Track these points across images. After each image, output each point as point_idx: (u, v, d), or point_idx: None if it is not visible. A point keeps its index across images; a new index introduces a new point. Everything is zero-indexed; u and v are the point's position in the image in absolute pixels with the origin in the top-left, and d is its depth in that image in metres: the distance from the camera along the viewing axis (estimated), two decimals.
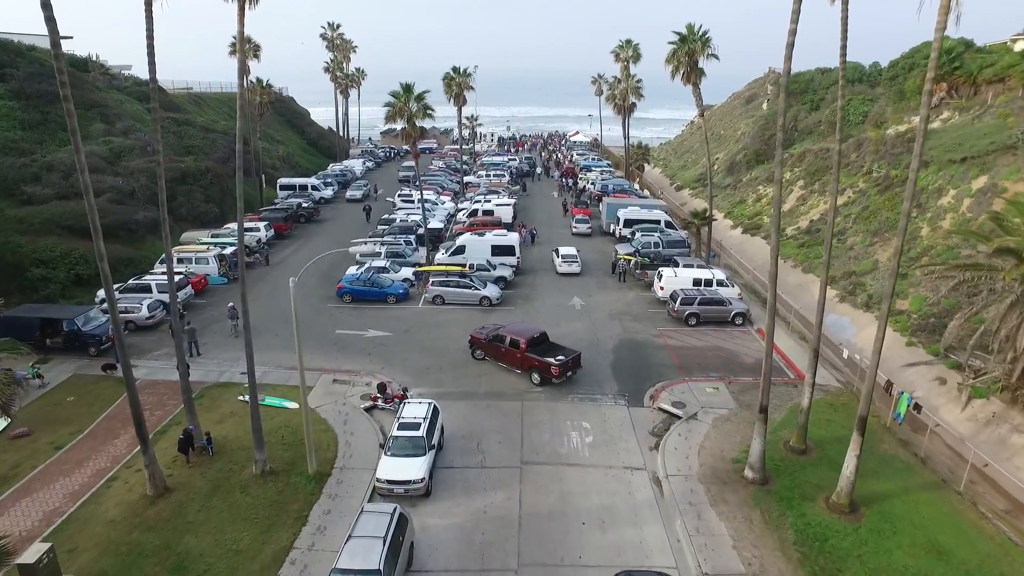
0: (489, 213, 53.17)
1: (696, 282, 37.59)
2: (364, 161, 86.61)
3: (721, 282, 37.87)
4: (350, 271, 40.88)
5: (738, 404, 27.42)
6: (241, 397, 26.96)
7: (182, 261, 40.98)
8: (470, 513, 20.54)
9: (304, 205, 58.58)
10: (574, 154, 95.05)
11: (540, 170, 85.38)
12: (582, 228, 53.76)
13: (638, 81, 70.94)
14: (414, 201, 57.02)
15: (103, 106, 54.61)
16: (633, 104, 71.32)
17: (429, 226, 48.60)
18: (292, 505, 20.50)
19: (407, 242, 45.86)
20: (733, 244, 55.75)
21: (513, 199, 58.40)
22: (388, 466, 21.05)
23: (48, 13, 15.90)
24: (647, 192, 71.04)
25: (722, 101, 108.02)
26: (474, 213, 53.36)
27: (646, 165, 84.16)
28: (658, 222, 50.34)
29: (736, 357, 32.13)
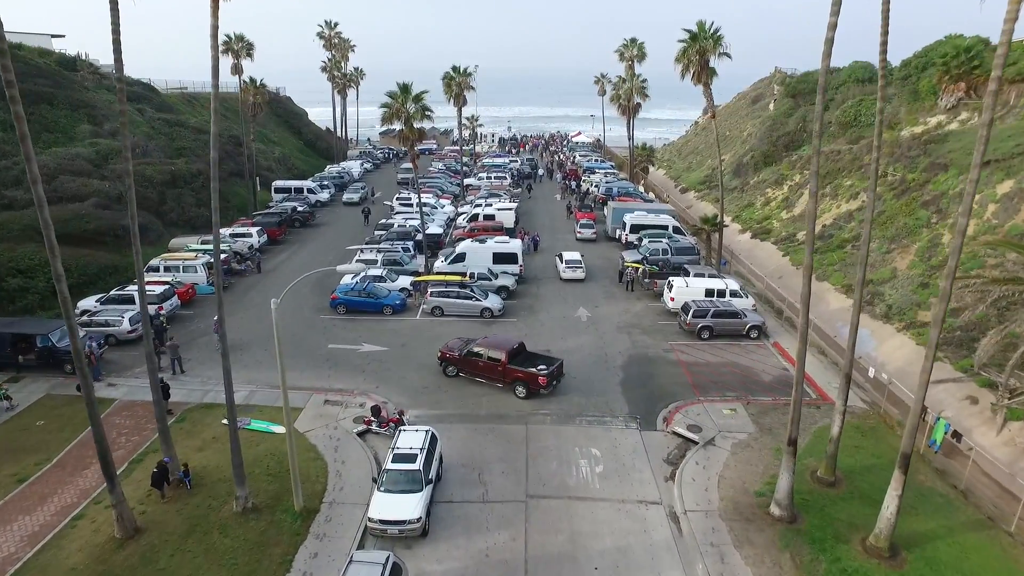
0: (490, 218, 51.30)
1: (708, 292, 35.71)
2: (362, 162, 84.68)
3: (735, 292, 36.00)
4: (345, 280, 38.97)
5: (758, 428, 25.54)
6: (225, 421, 25.07)
7: (169, 269, 39.14)
8: (471, 556, 18.68)
9: (299, 209, 56.71)
10: (576, 155, 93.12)
11: (542, 172, 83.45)
12: (587, 233, 51.87)
13: (643, 81, 69.05)
14: (413, 205, 55.17)
15: (90, 106, 52.72)
16: (638, 104, 69.45)
17: (428, 231, 46.73)
18: (275, 548, 18.62)
19: (405, 249, 43.99)
20: (742, 249, 53.86)
21: (515, 203, 56.50)
22: (381, 504, 19.18)
23: None
24: (652, 195, 69.12)
25: (727, 101, 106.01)
26: (475, 218, 51.49)
27: (650, 167, 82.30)
28: (666, 227, 48.45)
29: (753, 374, 30.26)
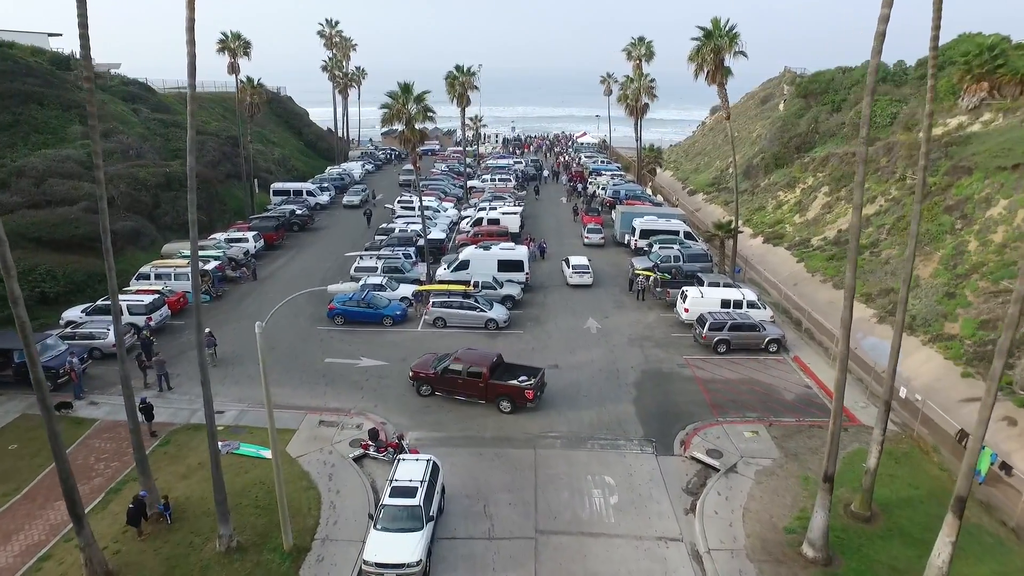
0: (495, 222, 49.64)
1: (724, 303, 33.98)
2: (363, 164, 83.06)
3: (752, 303, 34.27)
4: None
5: (783, 453, 23.81)
6: None
7: (160, 277, 37.54)
8: None
9: (298, 212, 55.08)
10: (582, 156, 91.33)
11: (547, 173, 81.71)
12: (594, 238, 50.11)
13: (651, 81, 67.31)
14: (415, 208, 53.52)
15: (82, 107, 50.99)
16: (646, 105, 67.69)
17: (430, 236, 45.05)
18: None
19: (406, 255, 42.32)
20: (754, 255, 52.09)
21: (520, 206, 54.80)
22: (378, 544, 17.51)
23: None
24: (660, 197, 67.36)
25: (735, 101, 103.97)
26: (479, 222, 49.81)
27: (658, 168, 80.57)
28: (677, 233, 46.73)
29: (774, 392, 28.52)
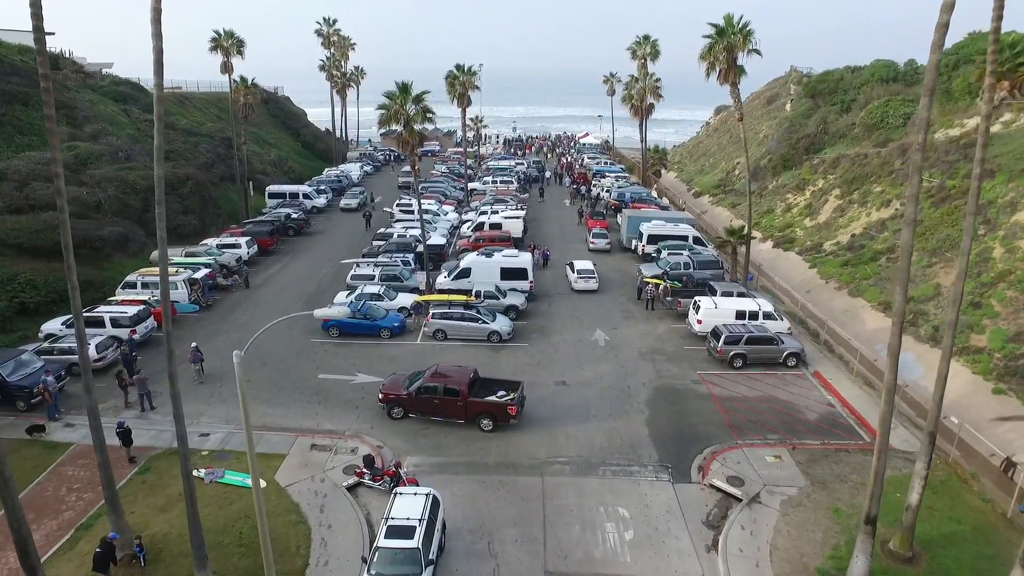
0: (497, 227, 47.93)
1: (739, 314, 32.30)
2: (362, 165, 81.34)
3: (768, 314, 32.59)
4: (338, 298, 35.70)
5: (809, 480, 22.13)
6: (196, 473, 21.76)
7: (147, 286, 35.84)
8: None
9: (293, 216, 53.39)
10: (585, 158, 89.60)
11: (549, 175, 79.98)
12: (600, 244, 48.40)
13: (656, 80, 65.62)
14: (415, 211, 51.81)
15: (70, 107, 49.48)
16: (651, 105, 65.99)
17: (430, 242, 43.35)
18: None
19: (405, 262, 40.62)
20: (764, 260, 50.39)
21: (523, 210, 53.10)
22: None
23: None
24: (666, 200, 65.68)
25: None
26: (480, 227, 48.09)
27: (663, 170, 78.87)
28: (686, 238, 45.05)
29: (795, 411, 26.84)
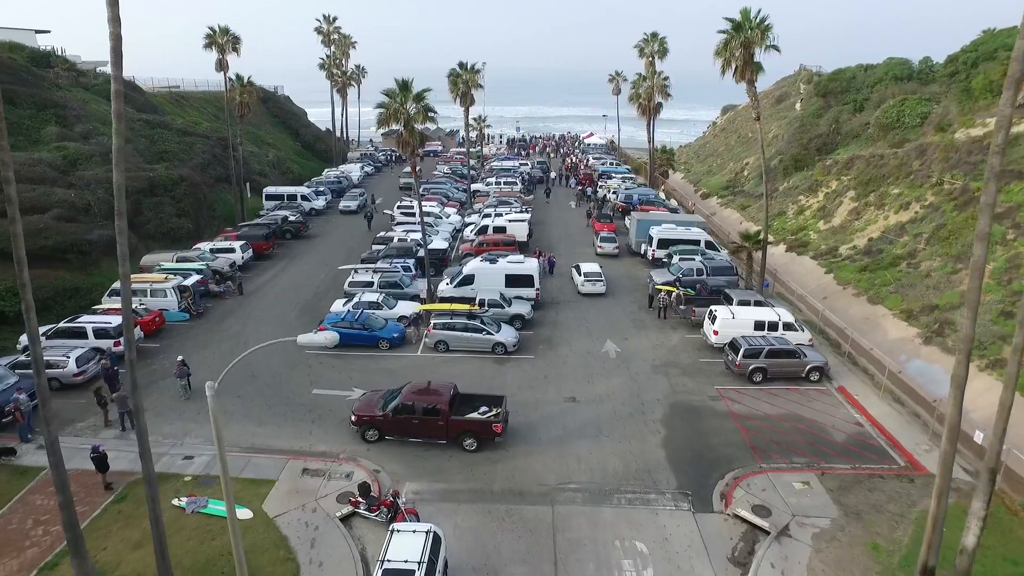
0: (501, 230, 46.18)
1: (758, 325, 30.55)
2: (363, 166, 79.65)
3: (789, 324, 30.83)
4: (335, 307, 34.00)
5: (842, 511, 20.36)
6: (176, 501, 20.12)
7: (135, 294, 34.16)
8: None
9: (291, 219, 51.72)
10: (590, 158, 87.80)
11: (554, 175, 78.20)
12: (608, 248, 46.59)
13: (665, 78, 63.85)
14: (415, 214, 50.14)
15: (60, 106, 47.85)
16: (659, 104, 64.22)
17: (432, 246, 41.64)
18: None
19: (406, 268, 38.90)
20: (777, 264, 48.57)
21: (528, 212, 51.35)
22: None
23: None
24: (675, 202, 63.86)
25: (747, 101, 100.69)
26: (483, 230, 46.37)
27: (670, 171, 77.16)
28: (698, 242, 43.27)
29: (821, 431, 25.06)
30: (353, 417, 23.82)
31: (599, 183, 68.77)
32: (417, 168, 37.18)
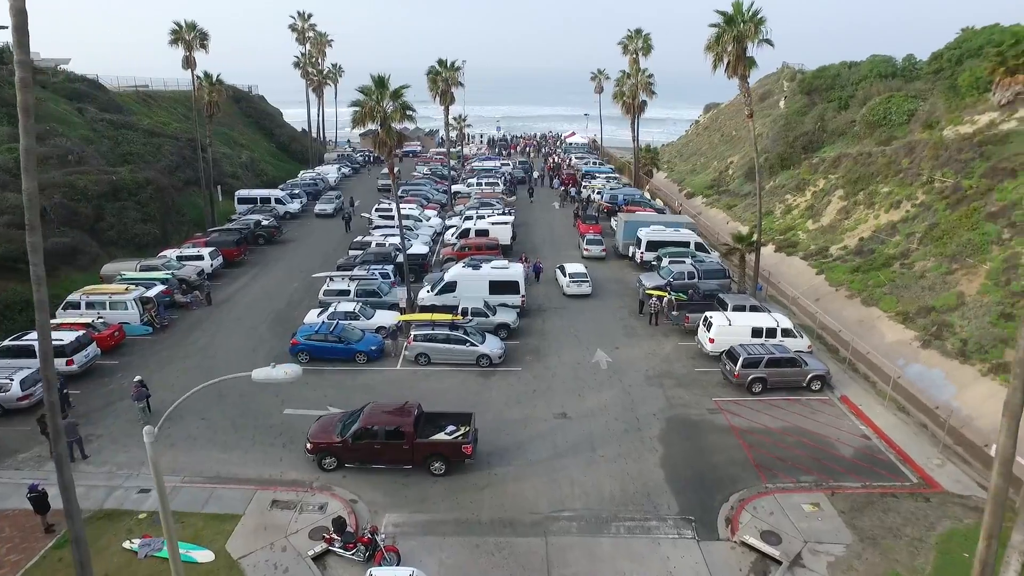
0: (483, 233, 44.41)
1: (756, 332, 29.16)
2: (339, 167, 77.32)
3: (787, 331, 29.48)
4: (309, 317, 31.99)
5: (857, 536, 18.93)
6: (128, 544, 18.05)
7: (92, 306, 31.89)
8: None
9: (264, 223, 49.42)
10: (572, 158, 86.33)
11: (538, 175, 76.57)
12: (595, 251, 45.05)
13: (649, 76, 62.52)
14: (395, 216, 48.18)
15: (13, 105, 45.01)
16: (644, 102, 62.87)
17: (411, 251, 39.78)
18: None
19: (384, 275, 36.95)
20: (767, 265, 47.43)
21: (511, 215, 49.65)
22: None
23: None
24: (660, 201, 62.58)
25: (730, 99, 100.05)
26: (465, 234, 44.57)
27: (654, 170, 75.92)
28: (687, 244, 41.92)
29: (827, 445, 23.68)
30: (309, 445, 21.68)
31: (583, 183, 67.26)
32: (395, 169, 35.27)
